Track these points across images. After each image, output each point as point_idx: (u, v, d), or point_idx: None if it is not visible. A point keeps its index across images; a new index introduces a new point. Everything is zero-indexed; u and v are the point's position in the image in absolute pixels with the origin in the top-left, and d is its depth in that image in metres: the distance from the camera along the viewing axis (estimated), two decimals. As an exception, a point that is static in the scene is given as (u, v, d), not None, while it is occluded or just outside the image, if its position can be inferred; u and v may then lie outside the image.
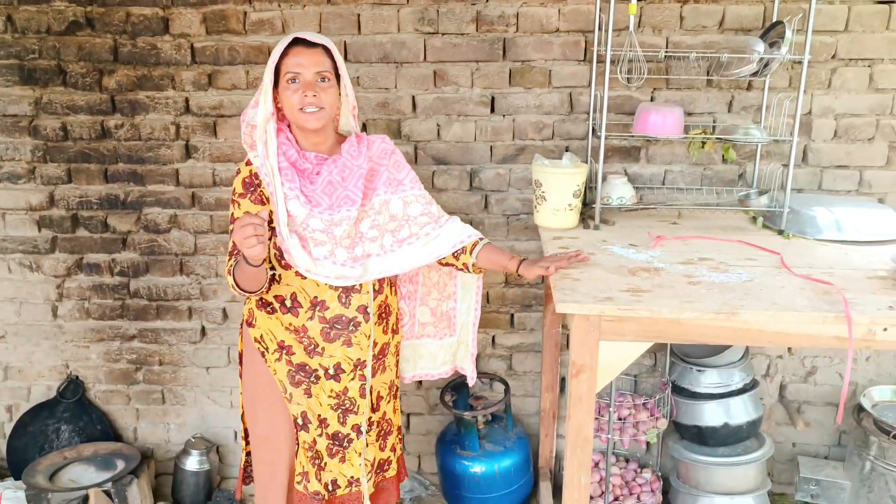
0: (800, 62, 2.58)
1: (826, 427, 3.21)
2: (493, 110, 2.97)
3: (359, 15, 2.90)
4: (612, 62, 2.59)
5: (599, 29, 2.73)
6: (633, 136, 2.82)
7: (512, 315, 3.18)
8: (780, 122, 2.79)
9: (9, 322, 3.28)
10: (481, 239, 2.28)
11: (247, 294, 2.06)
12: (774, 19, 2.73)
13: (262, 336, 2.18)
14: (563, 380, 3.18)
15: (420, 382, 3.25)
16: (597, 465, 3.13)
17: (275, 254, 2.10)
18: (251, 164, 2.10)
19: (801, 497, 3.01)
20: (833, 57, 2.86)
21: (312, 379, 2.16)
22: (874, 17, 2.81)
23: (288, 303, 2.12)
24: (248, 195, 2.08)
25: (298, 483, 2.23)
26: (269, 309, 2.15)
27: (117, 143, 3.07)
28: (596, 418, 2.99)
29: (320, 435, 2.20)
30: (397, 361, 2.40)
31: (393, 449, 2.41)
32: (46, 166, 3.11)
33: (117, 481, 2.93)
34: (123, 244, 3.18)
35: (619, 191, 2.75)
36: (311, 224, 2.03)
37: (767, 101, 2.82)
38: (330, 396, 2.18)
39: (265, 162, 2.05)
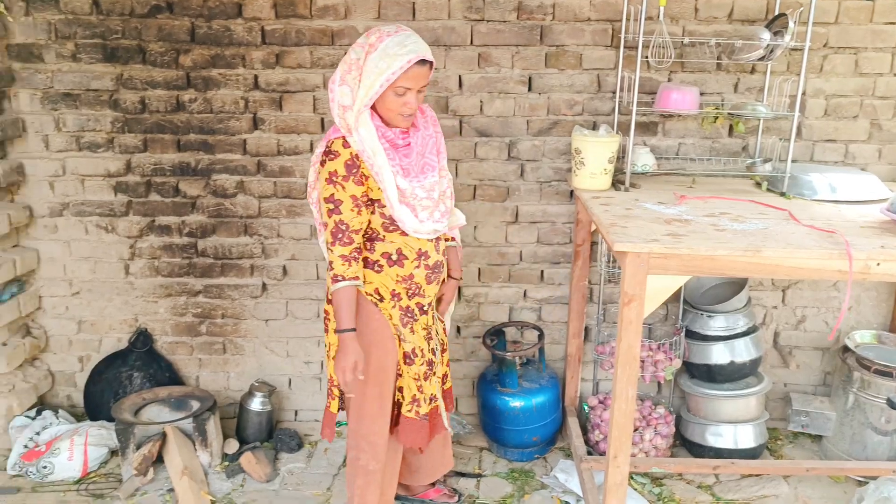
0: (799, 49, 3.03)
1: (813, 368, 3.69)
2: (530, 89, 3.37)
3: (414, 3, 3.27)
4: (642, 47, 3.00)
5: (627, 19, 3.15)
6: (653, 112, 3.24)
7: (542, 271, 3.59)
8: (779, 101, 3.23)
9: (84, 279, 3.60)
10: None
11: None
12: (777, 12, 3.17)
13: (376, 290, 2.50)
14: (587, 328, 3.60)
15: (459, 331, 3.65)
16: (616, 402, 3.55)
17: (382, 222, 2.42)
18: (349, 146, 2.32)
19: (793, 427, 3.47)
20: (825, 45, 3.31)
21: (414, 318, 2.54)
22: (860, 11, 3.27)
23: (394, 257, 2.46)
24: (351, 177, 2.32)
25: (409, 410, 2.60)
26: (377, 267, 2.48)
27: (190, 116, 3.41)
28: (619, 359, 3.43)
29: (421, 363, 2.58)
30: None
31: (447, 364, 2.84)
32: (124, 136, 3.43)
33: (197, 417, 3.28)
34: (192, 207, 3.52)
35: (643, 159, 3.17)
36: (418, 193, 2.41)
37: (769, 83, 3.27)
38: (424, 329, 2.58)
39: (363, 147, 2.31)
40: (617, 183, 3.11)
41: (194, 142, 3.44)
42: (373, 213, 2.43)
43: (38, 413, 3.49)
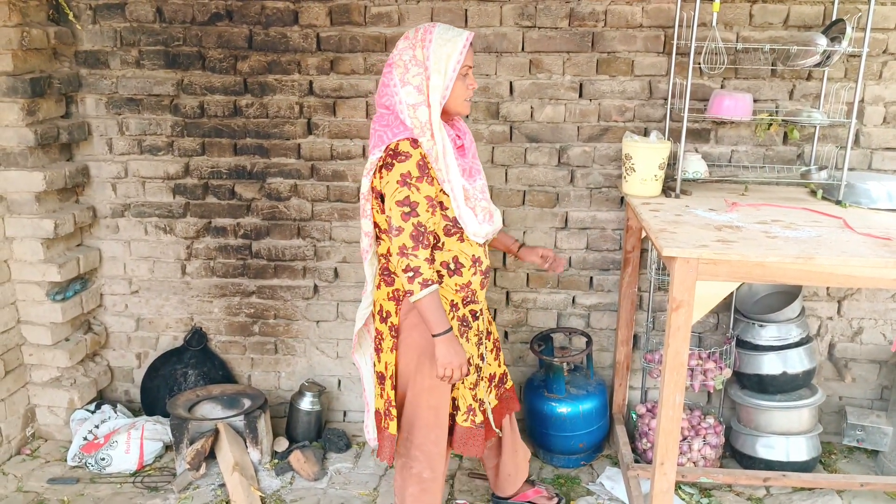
0: (857, 55, 2.97)
1: (870, 382, 3.60)
2: (580, 95, 3.38)
3: (466, 10, 3.31)
4: (694, 53, 2.98)
5: (680, 25, 3.14)
6: (705, 119, 3.22)
7: (591, 278, 3.59)
8: (836, 108, 3.18)
9: (143, 278, 3.72)
10: None
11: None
12: (834, 17, 3.12)
13: None
14: (636, 336, 3.58)
15: (507, 336, 3.66)
16: (664, 411, 3.52)
17: (445, 225, 2.42)
18: (417, 146, 2.29)
19: (848, 442, 3.39)
20: (884, 51, 3.24)
21: (468, 326, 2.54)
22: (921, 16, 3.20)
23: (452, 266, 2.46)
24: (424, 177, 2.30)
25: (465, 420, 2.57)
26: (438, 278, 2.44)
27: (246, 121, 3.50)
28: (668, 367, 3.40)
29: (472, 371, 2.56)
30: None
31: (504, 363, 2.85)
32: (184, 140, 3.54)
33: (248, 414, 3.36)
34: (248, 210, 3.61)
35: (694, 165, 3.15)
36: (477, 195, 2.46)
37: (826, 89, 3.21)
38: (476, 335, 2.58)
39: (437, 142, 2.32)
40: (667, 189, 3.09)
41: (250, 146, 3.53)
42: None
43: (98, 407, 3.62)
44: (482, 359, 2.65)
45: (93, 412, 3.58)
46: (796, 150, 3.39)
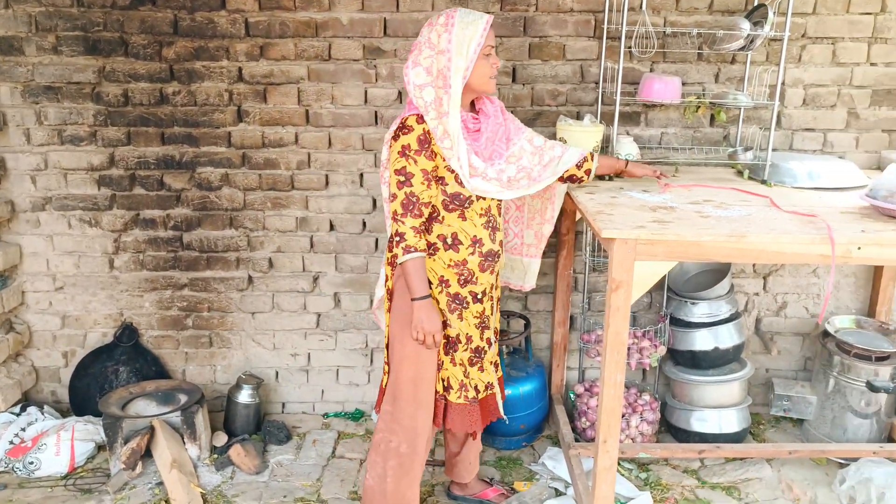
0: (779, 39, 3.08)
1: (794, 354, 3.75)
2: (514, 80, 3.40)
3: (398, -6, 3.29)
4: (625, 38, 3.03)
5: (610, 10, 3.18)
6: (636, 102, 3.28)
7: (528, 261, 3.62)
8: (759, 90, 3.28)
9: (67, 274, 3.58)
10: (593, 153, 2.78)
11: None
12: (756, 2, 3.21)
13: None
14: (572, 317, 3.64)
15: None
16: (602, 390, 3.59)
17: (443, 199, 2.50)
18: (422, 122, 2.42)
19: (776, 412, 3.52)
20: (803, 35, 3.36)
21: (464, 305, 2.59)
22: (837, 2, 3.32)
23: (449, 241, 2.53)
24: (423, 152, 2.42)
25: (458, 397, 2.64)
26: (431, 250, 2.53)
27: (174, 109, 3.40)
28: (604, 347, 3.47)
29: (465, 350, 2.62)
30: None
31: (499, 353, 2.90)
32: (107, 129, 3.41)
33: (185, 410, 3.28)
34: (177, 200, 3.51)
35: (626, 148, 3.20)
36: (489, 173, 2.52)
37: (749, 72, 3.31)
38: (475, 317, 2.63)
39: (445, 122, 2.41)
40: (601, 172, 3.14)
41: (178, 135, 3.43)
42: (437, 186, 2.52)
43: (23, 409, 3.48)
44: (489, 343, 2.72)
45: (18, 415, 3.44)
46: (723, 132, 3.48)
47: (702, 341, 3.40)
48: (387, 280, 2.66)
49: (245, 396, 3.53)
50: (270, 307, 3.66)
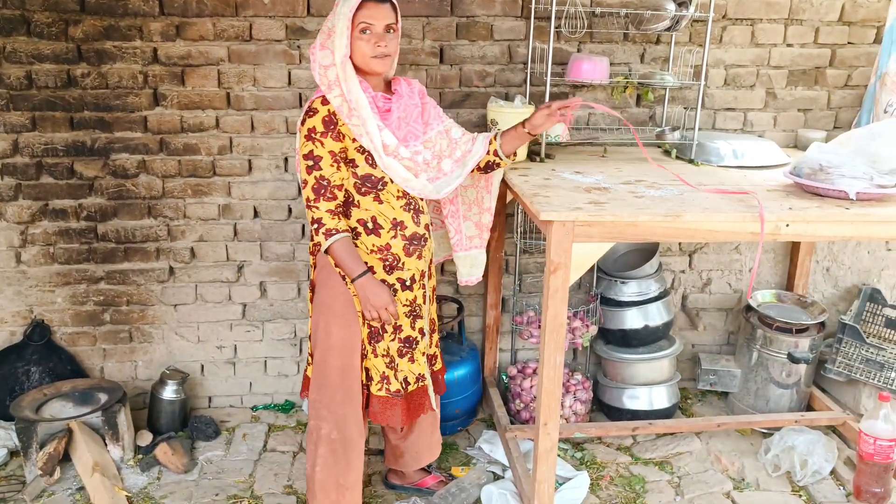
0: (703, 20, 3.12)
1: (718, 329, 3.85)
2: (441, 60, 3.34)
3: (317, -28, 3.18)
4: (549, 18, 3.01)
5: (537, -11, 3.16)
6: (565, 83, 3.27)
7: (459, 244, 3.59)
8: (683, 71, 3.33)
9: (-30, 270, 3.35)
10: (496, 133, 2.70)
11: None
12: (680, -17, 3.25)
13: None
14: (503, 300, 3.63)
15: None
16: (534, 371, 3.60)
17: (354, 182, 2.42)
18: (327, 103, 2.34)
19: (702, 386, 3.61)
20: (724, 17, 3.42)
21: (391, 292, 2.49)
22: (756, -17, 3.40)
23: (370, 225, 2.46)
24: (329, 133, 2.35)
25: (379, 389, 2.57)
26: (352, 234, 2.45)
27: (83, 92, 3.20)
28: (538, 327, 3.48)
29: (393, 340, 2.55)
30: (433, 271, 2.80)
31: (437, 344, 2.82)
32: (10, 114, 3.19)
33: (107, 410, 3.11)
34: (90, 189, 3.32)
35: (555, 129, 3.18)
36: (401, 153, 2.42)
37: (674, 53, 3.35)
38: (405, 305, 2.55)
39: (349, 98, 2.33)
40: (532, 154, 3.13)
41: (89, 119, 3.23)
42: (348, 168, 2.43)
43: (-74, 416, 3.24)
44: (422, 333, 2.63)
45: (-80, 422, 3.21)
46: (648, 112, 3.52)
47: (632, 320, 3.44)
48: (311, 271, 2.61)
49: (169, 392, 3.38)
50: (193, 299, 3.51)
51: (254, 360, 3.63)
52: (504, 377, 3.64)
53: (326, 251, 2.40)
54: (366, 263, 2.45)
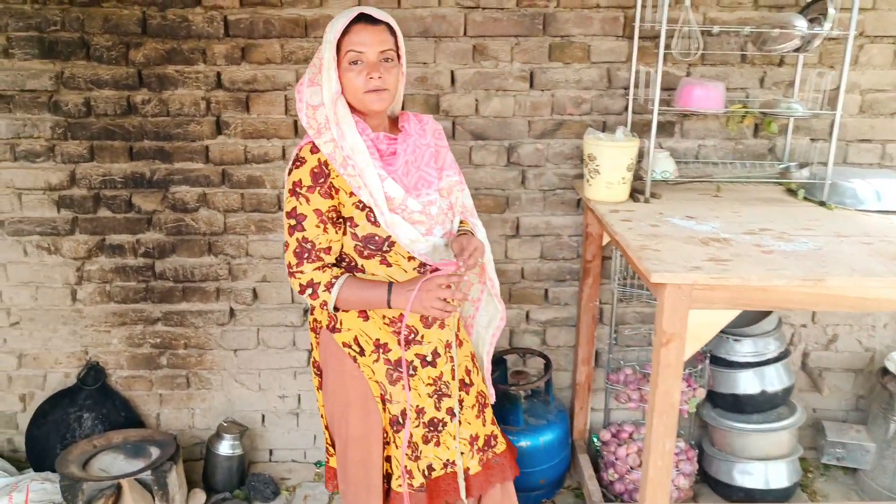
0: (833, 38, 2.66)
1: (845, 392, 3.34)
2: (531, 85, 2.98)
3: (399, -12, 2.87)
4: (656, 37, 2.61)
5: (643, 6, 2.76)
6: (670, 111, 2.85)
7: (546, 290, 3.20)
8: (810, 97, 2.87)
9: (24, 307, 3.15)
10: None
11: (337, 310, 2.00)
12: (810, -4, 2.81)
13: (355, 339, 2.06)
14: (597, 353, 3.23)
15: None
16: (630, 435, 3.17)
17: (355, 245, 1.98)
18: (317, 151, 1.92)
19: (827, 460, 3.12)
20: (861, 34, 2.95)
21: (410, 371, 2.08)
22: (900, -5, 2.92)
23: None
24: (318, 187, 1.92)
25: (400, 485, 2.11)
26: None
27: (143, 120, 2.97)
28: (636, 389, 3.06)
29: (417, 426, 2.11)
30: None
31: (493, 423, 2.31)
32: (67, 144, 2.99)
33: (156, 469, 2.84)
34: (148, 224, 3.08)
35: (662, 165, 2.79)
36: (410, 205, 1.96)
37: (801, 76, 2.90)
38: (428, 384, 2.10)
39: (341, 145, 1.91)
40: (635, 193, 2.73)
41: (149, 149, 3.00)
42: (344, 234, 2.00)
43: (-27, 462, 3.05)
44: (451, 414, 2.15)
45: (-33, 469, 3.01)
46: (768, 144, 3.07)
47: (747, 383, 2.98)
48: (311, 350, 2.20)
49: (226, 447, 3.10)
50: (255, 343, 3.23)
51: (318, 412, 3.31)
52: (595, 440, 3.22)
53: (336, 308, 1.97)
54: (381, 281, 1.99)
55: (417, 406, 2.10)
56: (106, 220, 3.07)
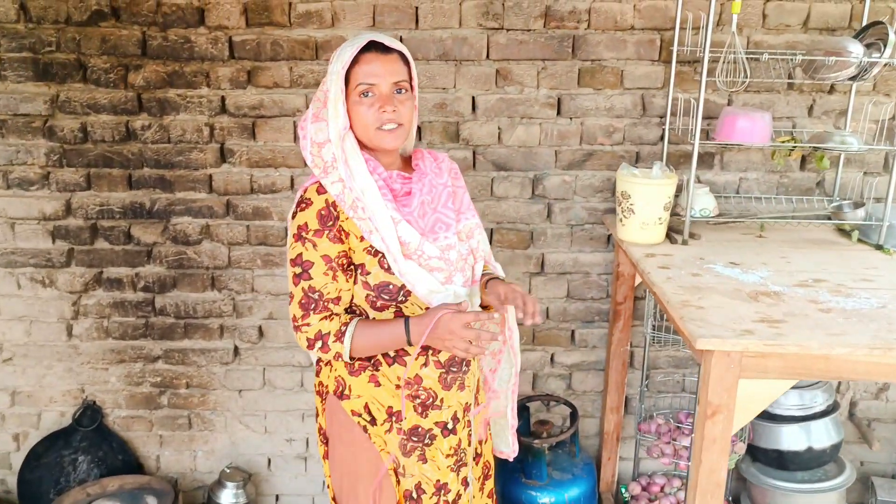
0: (893, 66, 2.42)
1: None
2: (559, 112, 2.76)
3: (417, 7, 2.65)
4: (695, 62, 2.39)
5: (681, 28, 2.54)
6: (713, 144, 2.61)
7: (573, 331, 2.98)
8: (864, 127, 2.63)
9: (17, 343, 2.98)
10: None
11: (350, 360, 1.79)
12: (865, 18, 2.56)
13: (366, 406, 1.86)
14: (626, 399, 3.00)
15: (472, 404, 3.03)
16: (662, 489, 2.94)
17: (367, 295, 1.79)
18: (324, 191, 1.76)
19: (878, 520, 2.88)
20: (920, 59, 2.70)
21: (426, 441, 1.86)
22: (965, 17, 2.66)
23: (391, 353, 1.82)
24: (326, 231, 1.75)
25: None
26: (370, 371, 1.84)
27: (143, 146, 2.79)
28: (668, 442, 2.83)
29: (433, 500, 1.90)
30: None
31: (490, 495, 2.13)
32: (63, 171, 2.81)
33: (152, 521, 2.66)
34: (148, 257, 2.90)
35: (701, 202, 2.57)
36: (426, 250, 1.76)
37: (854, 105, 2.66)
38: (448, 456, 1.89)
39: (350, 185, 1.73)
40: (672, 233, 2.50)
41: (149, 178, 2.81)
42: (355, 282, 1.80)
43: (-39, 508, 2.88)
44: (465, 484, 1.95)
45: (-45, 515, 2.84)
46: (815, 177, 2.83)
47: (791, 439, 2.74)
48: (317, 416, 1.99)
49: (228, 497, 2.91)
50: (261, 384, 3.03)
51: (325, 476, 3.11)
52: (624, 491, 2.99)
53: (352, 357, 1.77)
54: (396, 315, 1.81)
55: (438, 481, 1.89)
56: (103, 252, 2.89)
